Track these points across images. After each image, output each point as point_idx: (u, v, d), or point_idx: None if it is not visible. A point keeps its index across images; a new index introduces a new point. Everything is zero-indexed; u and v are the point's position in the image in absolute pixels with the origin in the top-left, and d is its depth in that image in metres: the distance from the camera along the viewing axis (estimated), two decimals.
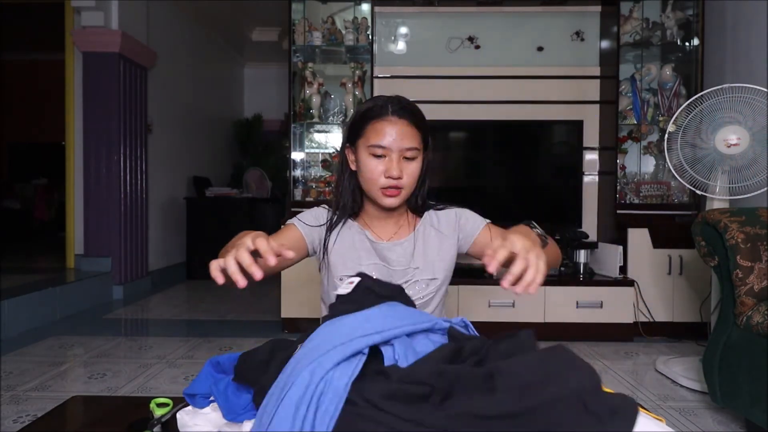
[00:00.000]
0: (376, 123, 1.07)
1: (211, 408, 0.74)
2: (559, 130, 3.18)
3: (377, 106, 1.08)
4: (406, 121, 1.07)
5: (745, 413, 1.65)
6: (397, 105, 1.08)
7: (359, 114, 1.10)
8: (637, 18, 3.12)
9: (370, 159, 1.07)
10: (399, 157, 1.06)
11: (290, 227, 1.13)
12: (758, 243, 1.68)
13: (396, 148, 1.06)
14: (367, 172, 1.08)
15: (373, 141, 1.06)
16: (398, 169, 1.05)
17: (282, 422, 0.50)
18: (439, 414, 0.48)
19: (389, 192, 1.07)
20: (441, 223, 1.20)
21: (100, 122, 3.73)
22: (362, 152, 1.08)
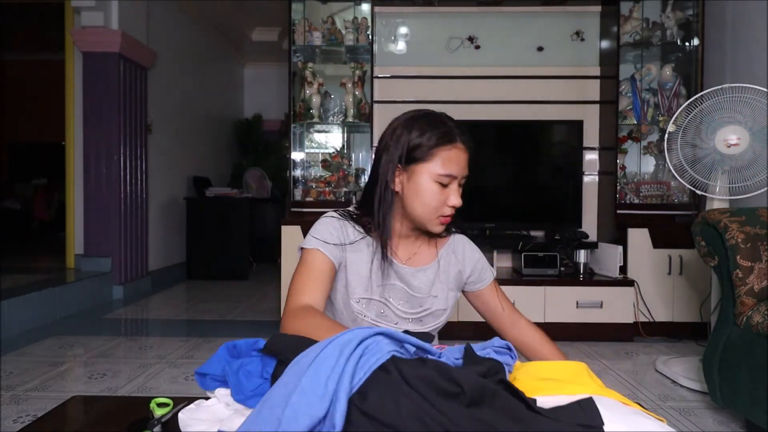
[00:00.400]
0: (446, 149, 1.00)
1: (215, 399, 0.74)
2: (559, 130, 3.18)
3: (447, 131, 1.01)
4: (467, 147, 1.03)
5: (745, 413, 1.65)
6: (461, 129, 1.03)
7: (425, 136, 1.01)
8: (637, 18, 3.12)
9: (433, 185, 1.01)
10: (458, 184, 1.03)
11: (317, 256, 1.02)
12: (758, 243, 1.68)
13: (460, 176, 1.02)
14: (429, 199, 1.01)
15: (443, 169, 0.99)
16: (459, 197, 1.02)
17: (330, 356, 0.53)
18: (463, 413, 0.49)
19: (445, 220, 1.04)
20: (465, 255, 1.16)
21: (100, 122, 3.73)
22: (422, 177, 1.01)
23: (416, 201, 1.02)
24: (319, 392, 0.49)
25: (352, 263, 1.06)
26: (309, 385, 0.50)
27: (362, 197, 1.11)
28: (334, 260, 1.03)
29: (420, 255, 1.12)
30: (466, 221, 3.07)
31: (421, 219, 1.04)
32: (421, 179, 1.01)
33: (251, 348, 0.77)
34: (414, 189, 1.02)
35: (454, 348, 0.69)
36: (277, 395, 0.51)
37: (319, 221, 1.08)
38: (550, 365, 0.68)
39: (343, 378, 0.51)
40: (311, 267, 1.01)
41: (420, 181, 1.01)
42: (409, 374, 0.53)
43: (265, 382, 0.71)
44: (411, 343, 0.63)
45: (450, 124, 1.03)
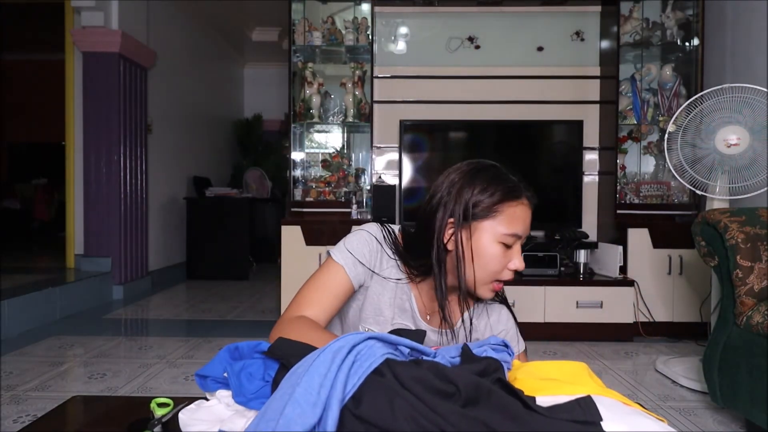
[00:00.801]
0: (512, 206, 0.91)
1: (216, 399, 0.74)
2: (559, 130, 3.18)
3: (513, 186, 0.92)
4: (530, 203, 0.94)
5: (745, 413, 1.65)
6: (528, 188, 0.95)
7: (488, 191, 0.91)
8: (637, 18, 3.12)
9: (496, 246, 0.91)
10: (520, 245, 0.93)
11: (339, 273, 0.95)
12: (758, 243, 1.68)
13: (524, 236, 0.93)
14: (489, 261, 0.91)
15: (509, 228, 0.90)
16: (522, 260, 0.92)
17: (321, 364, 0.53)
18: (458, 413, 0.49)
19: (498, 286, 0.94)
20: (492, 327, 1.05)
21: (100, 122, 3.74)
22: (484, 236, 0.91)
23: (477, 263, 0.91)
24: (312, 400, 0.49)
25: (374, 294, 0.99)
26: (301, 395, 0.50)
27: (410, 242, 1.00)
28: (356, 283, 0.97)
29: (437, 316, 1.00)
30: None
31: (472, 282, 0.93)
32: (483, 239, 0.91)
33: (253, 350, 0.77)
34: (475, 249, 0.91)
35: (450, 347, 0.69)
36: (273, 408, 0.51)
37: (357, 234, 0.99)
38: (550, 365, 0.68)
39: (335, 385, 0.51)
40: (327, 282, 0.95)
41: (482, 242, 0.91)
42: (404, 376, 0.53)
43: (267, 384, 0.71)
44: (404, 345, 0.63)
45: (514, 179, 0.94)
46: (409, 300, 1.00)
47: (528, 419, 0.50)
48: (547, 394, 0.59)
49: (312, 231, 2.92)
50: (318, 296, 0.93)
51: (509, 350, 0.71)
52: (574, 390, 0.60)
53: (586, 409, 0.54)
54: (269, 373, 0.71)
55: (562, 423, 0.51)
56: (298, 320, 0.89)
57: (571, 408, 0.54)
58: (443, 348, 0.69)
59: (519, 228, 0.91)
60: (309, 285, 0.95)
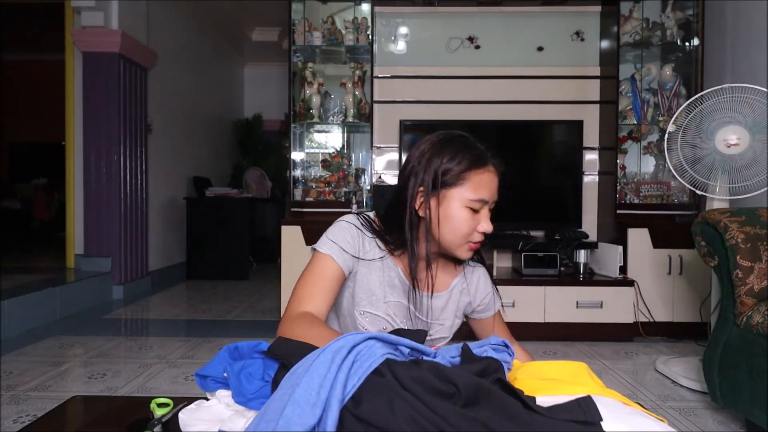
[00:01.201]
0: (478, 173, 0.96)
1: (216, 399, 0.74)
2: (559, 130, 3.18)
3: (479, 154, 0.97)
4: (496, 170, 0.99)
5: (745, 413, 1.65)
6: (494, 155, 1.00)
7: (455, 160, 0.97)
8: (637, 18, 3.12)
9: (465, 211, 0.96)
10: (488, 209, 0.99)
11: (329, 263, 0.98)
12: (758, 243, 1.68)
13: (491, 201, 0.98)
14: (459, 225, 0.97)
15: (475, 194, 0.96)
16: (490, 223, 0.98)
17: (321, 365, 0.53)
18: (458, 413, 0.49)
19: (475, 246, 1.00)
20: (478, 287, 1.13)
21: (100, 122, 3.73)
22: (453, 202, 0.96)
23: (446, 227, 0.98)
24: (311, 401, 0.49)
25: (363, 276, 1.03)
26: (301, 395, 0.50)
27: (386, 216, 1.05)
28: (345, 269, 1.00)
29: (435, 281, 1.07)
30: None
31: (449, 245, 1.00)
32: (452, 205, 0.97)
33: (253, 350, 0.77)
34: (444, 215, 0.97)
35: (450, 347, 0.69)
36: (273, 408, 0.51)
37: (337, 225, 1.03)
38: (551, 365, 0.68)
39: (335, 385, 0.51)
40: (320, 273, 0.97)
41: (450, 207, 0.97)
42: (404, 376, 0.53)
43: (267, 384, 0.71)
44: (405, 345, 0.63)
45: (481, 148, 0.99)
46: (397, 275, 1.04)
47: (528, 419, 0.50)
48: (547, 394, 0.59)
49: (312, 231, 2.92)
50: (315, 289, 0.96)
51: (509, 350, 0.72)
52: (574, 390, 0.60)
53: (586, 409, 0.54)
54: (269, 373, 0.71)
55: (562, 423, 0.51)
56: (303, 317, 0.91)
57: (571, 408, 0.54)
58: (443, 348, 0.69)
59: (485, 194, 0.96)
60: (304, 280, 0.98)
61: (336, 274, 0.98)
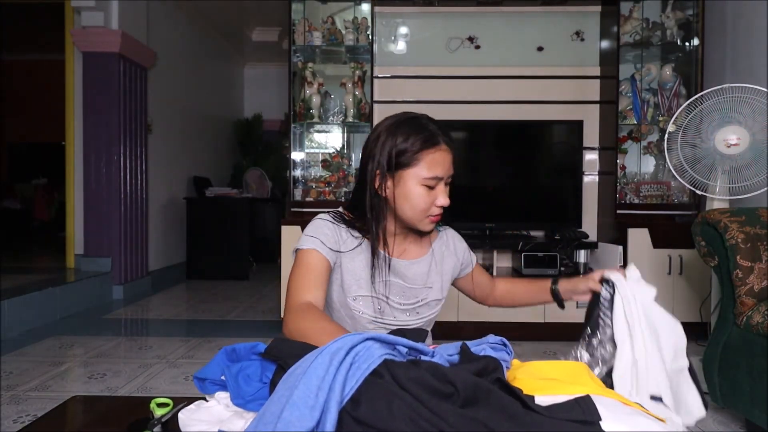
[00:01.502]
0: (430, 153, 1.01)
1: (215, 400, 0.74)
2: (559, 130, 3.18)
3: (430, 135, 1.02)
4: (450, 151, 1.05)
5: (745, 413, 1.65)
6: (442, 131, 1.04)
7: (409, 142, 1.02)
8: (637, 18, 3.12)
9: (421, 189, 1.02)
10: (445, 183, 1.05)
11: (314, 255, 1.03)
12: (758, 243, 1.68)
13: (446, 177, 1.04)
14: (417, 202, 1.03)
15: (429, 173, 1.01)
16: (446, 196, 1.05)
17: (319, 367, 0.53)
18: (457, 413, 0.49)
19: (435, 219, 1.06)
20: (456, 247, 1.22)
21: (100, 122, 3.74)
22: (410, 182, 1.03)
23: (405, 205, 1.04)
24: (310, 403, 0.49)
25: (348, 263, 1.07)
26: (300, 398, 0.50)
27: (352, 201, 1.12)
28: (331, 259, 1.04)
29: (412, 249, 1.15)
30: (467, 221, 3.07)
31: (411, 221, 1.06)
32: (409, 184, 1.03)
33: (250, 352, 0.77)
34: (402, 194, 1.03)
35: (448, 345, 0.69)
36: (272, 411, 0.51)
37: (313, 223, 1.08)
38: (550, 365, 0.68)
39: (333, 387, 0.51)
40: (309, 266, 1.01)
41: (407, 186, 1.03)
42: (402, 377, 0.53)
43: (265, 386, 0.71)
44: (403, 345, 0.63)
45: (432, 128, 1.03)
46: (379, 251, 1.09)
47: (527, 419, 0.50)
48: (547, 394, 0.60)
49: None
50: (309, 282, 1.00)
51: (507, 349, 0.72)
52: (574, 390, 0.60)
53: (585, 409, 0.54)
54: (267, 374, 0.71)
55: (561, 423, 0.51)
56: (307, 308, 0.94)
57: (570, 407, 0.54)
58: (442, 346, 0.69)
59: (439, 171, 1.02)
60: (295, 277, 1.01)
61: (324, 264, 1.02)
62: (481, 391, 0.53)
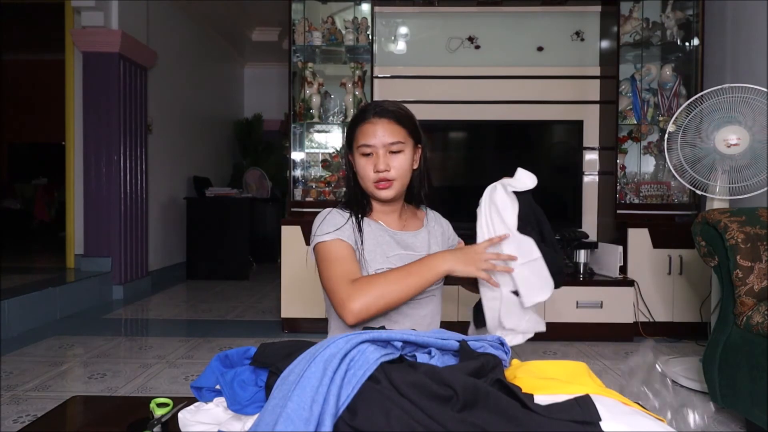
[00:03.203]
0: (361, 126, 1.19)
1: (214, 403, 0.75)
2: (559, 130, 3.18)
3: (361, 112, 1.21)
4: (386, 120, 1.18)
5: (745, 413, 1.65)
6: (377, 107, 1.20)
7: (350, 123, 1.23)
8: (637, 18, 3.12)
9: (361, 159, 1.19)
10: (385, 152, 1.17)
11: (340, 245, 1.15)
12: (758, 243, 1.68)
13: (380, 145, 1.17)
14: (360, 171, 1.20)
15: (361, 142, 1.18)
16: (384, 162, 1.16)
17: (313, 376, 0.52)
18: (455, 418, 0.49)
19: (381, 185, 1.18)
20: (440, 222, 1.37)
21: (100, 122, 3.74)
22: (356, 155, 1.20)
23: (360, 177, 1.22)
24: (304, 416, 0.49)
25: (364, 243, 1.20)
26: (294, 410, 0.49)
27: (346, 192, 1.30)
28: (352, 243, 1.16)
29: (409, 223, 1.29)
30: (467, 221, 3.06)
31: (366, 190, 1.22)
32: (356, 158, 1.21)
33: (243, 357, 0.77)
34: (358, 168, 1.21)
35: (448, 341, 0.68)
36: (266, 422, 0.50)
37: (323, 217, 1.21)
38: (550, 364, 0.68)
39: (328, 399, 0.50)
40: (341, 255, 1.13)
41: (357, 160, 1.21)
42: (400, 382, 0.52)
43: (260, 390, 0.70)
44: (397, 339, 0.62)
45: (369, 107, 1.21)
46: (383, 230, 1.23)
47: (527, 421, 0.50)
48: (546, 393, 0.60)
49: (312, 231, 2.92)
50: (346, 266, 1.10)
51: (505, 348, 0.72)
52: (574, 389, 0.60)
53: (584, 409, 0.54)
54: (261, 378, 0.71)
55: (561, 423, 0.51)
56: (362, 280, 1.07)
57: (570, 407, 0.54)
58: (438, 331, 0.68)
59: (369, 139, 1.17)
60: (330, 268, 1.11)
61: (350, 249, 1.15)
62: (481, 393, 0.52)
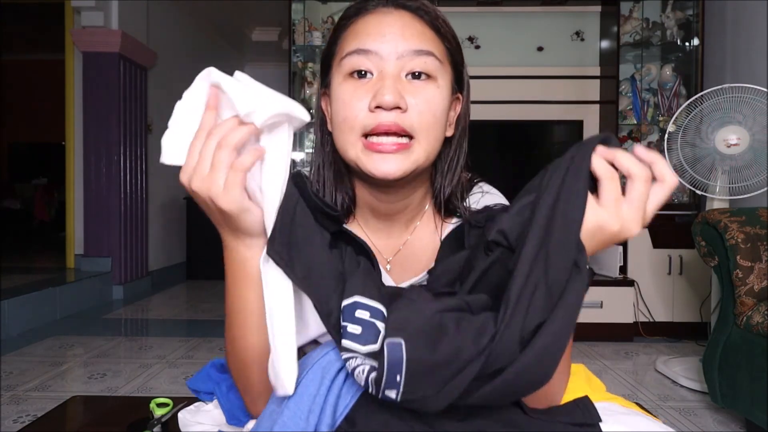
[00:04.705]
0: (355, 24, 0.62)
1: (214, 404, 0.75)
2: (559, 130, 3.18)
3: (356, 4, 0.64)
4: (410, 14, 0.61)
5: (745, 413, 1.65)
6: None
7: (333, 28, 0.66)
8: (637, 18, 3.12)
9: (345, 84, 0.60)
10: (398, 73, 0.59)
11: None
12: (758, 243, 1.68)
13: (393, 54, 0.58)
14: (340, 108, 0.60)
15: (350, 47, 0.60)
16: (394, 89, 0.57)
17: (310, 384, 0.49)
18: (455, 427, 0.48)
19: (379, 145, 0.58)
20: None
21: (100, 122, 3.73)
22: (335, 82, 0.62)
23: (334, 123, 0.63)
24: (301, 425, 0.48)
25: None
26: (290, 418, 0.48)
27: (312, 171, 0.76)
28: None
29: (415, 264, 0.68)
30: None
31: (345, 154, 0.62)
32: (334, 87, 0.63)
33: None
34: (335, 109, 0.62)
35: None
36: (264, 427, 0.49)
37: None
38: None
39: (325, 409, 0.49)
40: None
41: (334, 91, 0.63)
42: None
43: None
44: None
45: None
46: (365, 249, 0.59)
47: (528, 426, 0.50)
48: None
49: None
50: None
51: None
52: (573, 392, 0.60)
53: (584, 411, 0.54)
54: None
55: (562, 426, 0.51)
56: None
57: (570, 410, 0.54)
58: None
59: (367, 42, 0.59)
60: None
61: None
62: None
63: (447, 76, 0.62)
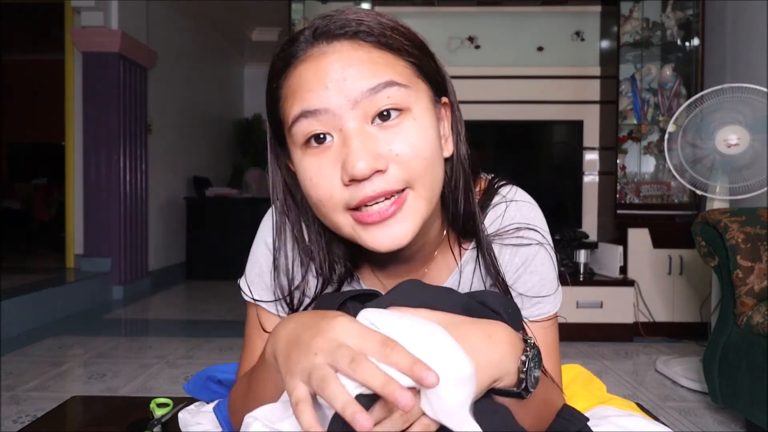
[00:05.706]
0: (289, 79, 0.54)
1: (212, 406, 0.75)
2: (559, 130, 3.18)
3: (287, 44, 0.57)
4: (349, 43, 0.51)
5: (745, 413, 1.65)
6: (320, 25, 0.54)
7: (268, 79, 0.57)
8: (637, 18, 3.12)
9: (306, 157, 0.52)
10: (361, 125, 0.50)
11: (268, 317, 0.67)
12: (758, 243, 1.68)
13: (346, 105, 0.49)
14: (310, 188, 0.52)
15: (293, 110, 0.51)
16: (363, 151, 0.48)
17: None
18: None
19: (373, 215, 0.50)
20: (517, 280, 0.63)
21: (100, 122, 3.73)
22: (295, 155, 0.53)
23: (313, 204, 0.54)
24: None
25: None
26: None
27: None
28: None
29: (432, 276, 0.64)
30: None
31: (336, 229, 0.55)
32: (295, 160, 0.54)
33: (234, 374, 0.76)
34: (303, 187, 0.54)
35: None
36: None
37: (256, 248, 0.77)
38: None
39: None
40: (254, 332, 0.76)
41: (296, 164, 0.54)
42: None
43: None
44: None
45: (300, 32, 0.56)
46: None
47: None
48: None
49: None
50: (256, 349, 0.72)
51: None
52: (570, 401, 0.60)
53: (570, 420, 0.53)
54: None
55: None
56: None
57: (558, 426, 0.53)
58: None
59: (304, 100, 0.50)
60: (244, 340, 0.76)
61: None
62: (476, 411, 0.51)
63: (422, 94, 0.55)
